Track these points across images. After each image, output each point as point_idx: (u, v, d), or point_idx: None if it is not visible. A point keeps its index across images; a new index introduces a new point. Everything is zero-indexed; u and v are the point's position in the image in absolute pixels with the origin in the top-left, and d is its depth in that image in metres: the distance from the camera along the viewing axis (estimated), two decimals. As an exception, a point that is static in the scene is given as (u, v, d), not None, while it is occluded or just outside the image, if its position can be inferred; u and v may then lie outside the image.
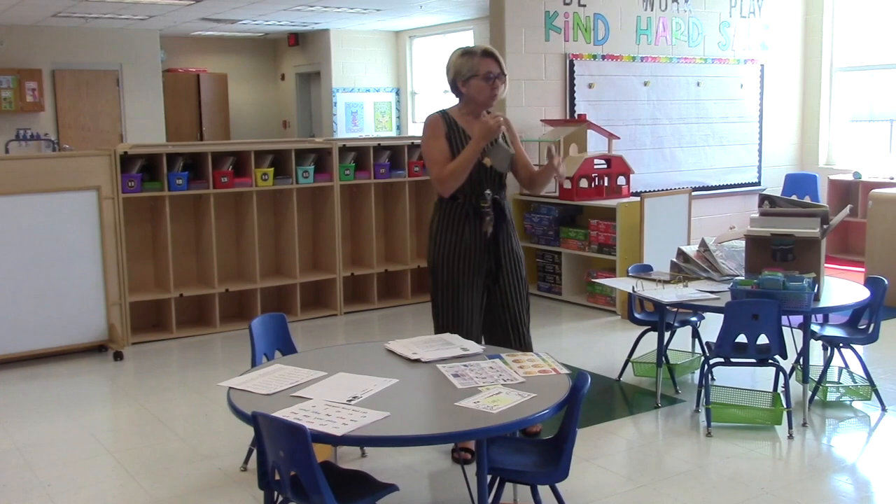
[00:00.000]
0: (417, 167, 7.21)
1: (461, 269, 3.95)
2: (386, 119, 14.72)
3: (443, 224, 3.99)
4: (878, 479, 3.87)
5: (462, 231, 3.94)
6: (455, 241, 3.95)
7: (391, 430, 2.63)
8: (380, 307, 7.16)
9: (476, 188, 3.91)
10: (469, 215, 3.93)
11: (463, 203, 3.93)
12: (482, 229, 3.94)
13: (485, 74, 3.83)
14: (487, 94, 3.87)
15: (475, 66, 3.85)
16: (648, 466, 4.01)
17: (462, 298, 3.96)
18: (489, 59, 3.86)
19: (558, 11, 7.69)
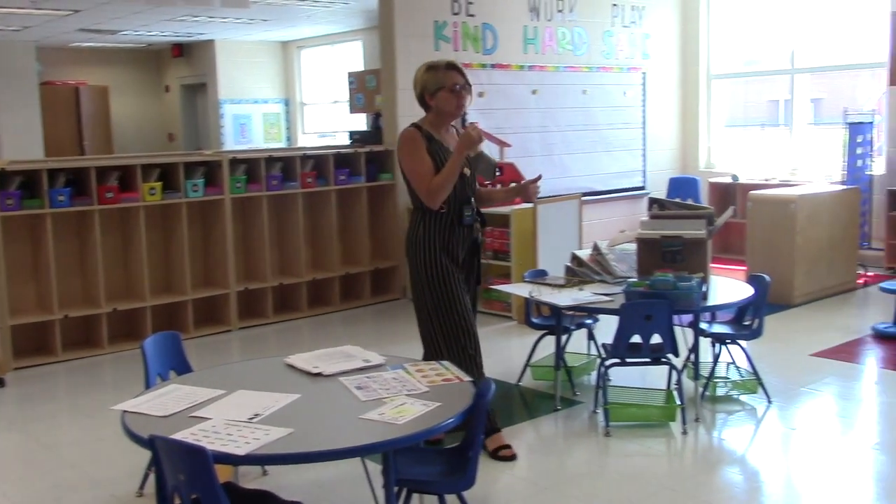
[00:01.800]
0: (310, 178, 7.14)
1: (455, 274, 4.06)
2: (275, 130, 14.52)
3: (430, 234, 4.05)
4: (765, 468, 4.03)
5: (450, 239, 4.05)
6: (446, 249, 4.04)
7: (295, 446, 2.58)
8: (275, 321, 7.05)
9: (459, 197, 4.04)
10: (454, 224, 4.05)
11: (448, 212, 4.03)
12: (471, 236, 4.11)
13: (451, 86, 3.96)
14: (454, 104, 4.00)
15: (441, 79, 3.98)
16: (551, 469, 4.07)
17: (462, 301, 4.07)
18: (453, 72, 3.99)
19: (447, 21, 7.75)
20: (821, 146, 9.37)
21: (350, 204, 7.54)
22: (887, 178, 8.42)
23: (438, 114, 4.03)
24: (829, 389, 5.03)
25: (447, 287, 4.02)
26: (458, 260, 4.07)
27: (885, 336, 6.01)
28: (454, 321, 4.03)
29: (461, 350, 4.04)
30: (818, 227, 7.21)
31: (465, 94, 4.01)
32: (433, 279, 4.03)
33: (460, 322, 4.03)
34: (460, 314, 4.03)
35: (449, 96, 3.97)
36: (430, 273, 4.03)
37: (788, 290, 7.00)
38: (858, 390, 5.10)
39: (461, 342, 4.04)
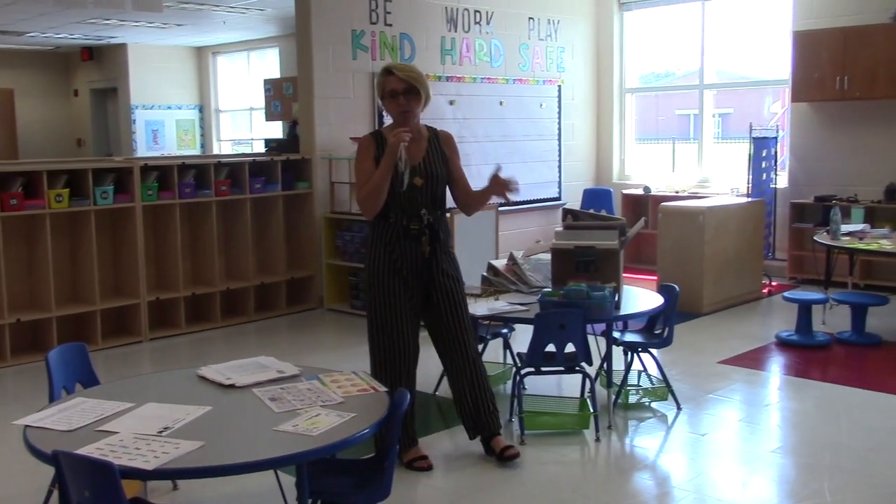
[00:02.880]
0: (225, 186, 7.03)
1: (394, 290, 3.95)
2: (189, 137, 14.27)
3: (376, 245, 3.97)
4: (676, 473, 4.13)
5: (393, 252, 3.93)
6: (387, 262, 3.94)
7: (206, 460, 2.53)
8: (188, 332, 6.90)
9: (408, 208, 3.89)
10: (400, 236, 3.92)
11: (394, 223, 3.92)
12: (417, 250, 3.93)
13: (389, 92, 3.87)
14: (395, 110, 3.89)
15: (382, 85, 3.91)
16: (466, 478, 4.08)
17: (396, 320, 3.96)
18: (391, 77, 3.87)
19: (365, 30, 7.74)
20: (728, 160, 9.67)
21: (266, 213, 7.45)
22: (790, 191, 8.74)
23: (393, 120, 3.96)
24: (736, 395, 5.18)
25: (383, 299, 3.95)
26: (405, 273, 3.94)
27: (787, 344, 6.23)
28: (385, 334, 3.98)
29: (389, 364, 4.01)
30: (725, 238, 7.43)
31: (408, 100, 3.85)
32: (372, 288, 3.98)
33: (391, 336, 3.98)
34: (392, 327, 3.96)
35: (389, 103, 3.90)
36: (371, 281, 3.99)
37: (698, 299, 7.19)
38: (763, 396, 5.26)
39: (390, 356, 4.01)
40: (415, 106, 3.87)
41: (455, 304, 4.05)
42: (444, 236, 4.03)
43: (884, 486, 3.82)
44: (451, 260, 4.09)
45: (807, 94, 8.31)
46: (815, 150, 8.62)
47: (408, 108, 3.85)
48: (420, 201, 3.90)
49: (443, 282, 4.03)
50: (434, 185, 3.94)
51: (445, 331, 4.07)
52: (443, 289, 4.03)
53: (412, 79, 3.85)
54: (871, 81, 7.85)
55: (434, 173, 3.93)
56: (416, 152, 3.92)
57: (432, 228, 3.94)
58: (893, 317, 6.60)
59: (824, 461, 4.14)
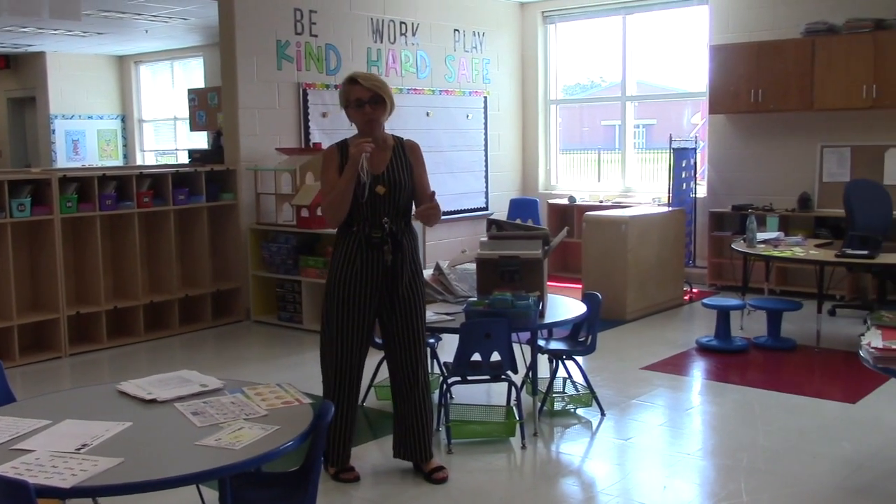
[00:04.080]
0: (147, 198, 6.91)
1: (352, 300, 3.90)
2: (111, 147, 13.98)
3: (337, 253, 3.95)
4: (601, 478, 4.20)
5: (354, 261, 3.89)
6: (348, 272, 3.90)
7: (126, 476, 2.49)
8: (110, 346, 6.76)
9: (370, 217, 3.86)
10: (362, 245, 3.88)
11: (357, 232, 3.89)
12: (380, 259, 3.88)
13: (354, 101, 3.83)
14: (361, 119, 3.85)
15: (346, 94, 3.87)
16: (393, 488, 4.09)
17: (347, 330, 3.92)
18: (356, 86, 3.83)
19: (290, 41, 7.71)
20: (651, 170, 9.89)
21: (190, 224, 7.35)
22: (709, 201, 8.99)
23: (358, 129, 3.93)
24: (658, 400, 5.30)
25: (339, 309, 3.91)
26: (366, 283, 3.89)
27: (707, 349, 6.39)
28: (338, 344, 3.95)
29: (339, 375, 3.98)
30: (647, 246, 7.60)
31: (373, 108, 3.81)
32: (329, 295, 3.95)
33: (344, 346, 3.94)
34: (345, 338, 3.93)
35: (354, 113, 3.87)
36: (329, 289, 3.96)
37: (621, 306, 7.34)
38: (684, 400, 5.39)
39: (341, 366, 3.97)
40: (380, 114, 3.85)
41: (412, 321, 3.99)
42: (410, 246, 3.97)
43: (797, 484, 3.96)
44: (415, 273, 4.00)
45: (723, 106, 8.56)
46: (733, 161, 8.88)
47: (373, 116, 3.83)
48: (382, 210, 3.87)
49: (404, 294, 3.97)
50: (397, 194, 3.89)
51: (399, 347, 4.02)
52: (403, 302, 3.97)
53: (377, 87, 3.83)
54: (783, 94, 8.13)
55: (397, 182, 3.88)
56: (379, 161, 3.89)
57: (395, 237, 3.90)
58: (807, 321, 6.83)
59: (742, 462, 4.26)
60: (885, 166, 7.95)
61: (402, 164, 3.94)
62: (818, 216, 8.22)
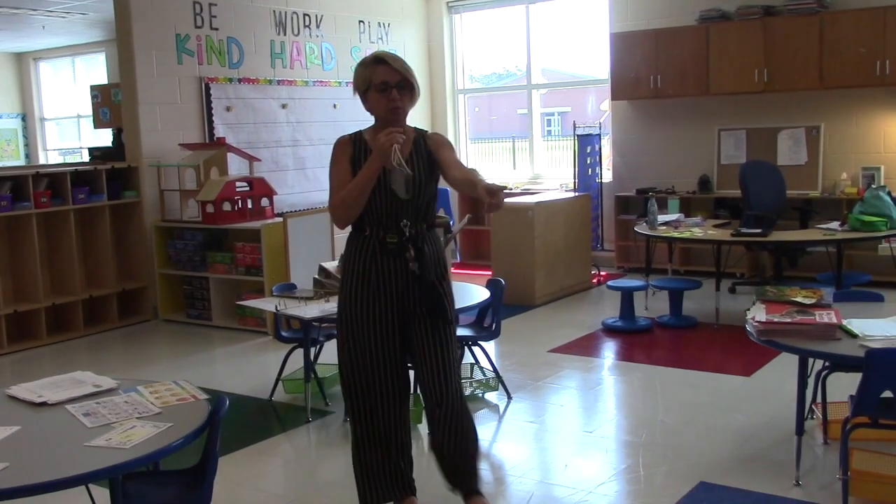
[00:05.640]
0: (45, 198, 6.73)
1: (365, 315, 3.34)
2: (12, 147, 13.56)
3: (349, 261, 3.39)
4: (509, 459, 4.29)
5: (369, 271, 3.33)
6: (363, 284, 3.34)
7: (11, 481, 2.45)
8: (10, 352, 6.58)
9: (387, 220, 3.30)
10: (377, 251, 3.32)
11: (370, 237, 3.33)
12: (398, 269, 3.31)
13: (379, 84, 3.25)
14: (384, 106, 3.27)
15: (368, 77, 3.29)
16: (301, 480, 4.10)
17: (365, 350, 3.36)
18: (382, 67, 3.27)
19: (189, 34, 7.59)
20: (563, 157, 10.05)
21: (92, 224, 7.19)
22: (615, 185, 9.18)
23: (376, 118, 3.37)
24: (565, 381, 5.42)
25: (355, 331, 3.36)
26: (385, 298, 3.32)
27: (612, 329, 6.56)
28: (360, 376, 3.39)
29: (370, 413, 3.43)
30: (554, 231, 7.74)
31: (400, 94, 3.26)
32: (342, 316, 3.41)
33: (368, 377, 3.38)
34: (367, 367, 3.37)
35: (378, 97, 3.27)
36: (341, 309, 3.42)
37: (530, 291, 7.46)
38: (589, 380, 5.51)
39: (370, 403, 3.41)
40: (407, 102, 3.30)
41: (441, 339, 3.38)
42: (433, 253, 3.38)
43: (692, 456, 4.10)
44: (443, 283, 3.41)
45: (625, 92, 8.75)
46: (636, 146, 9.09)
47: (400, 103, 3.27)
48: (401, 211, 3.29)
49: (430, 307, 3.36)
50: (417, 194, 3.30)
51: (427, 369, 3.38)
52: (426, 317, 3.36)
53: (407, 71, 3.28)
54: (681, 80, 8.36)
55: (418, 180, 3.29)
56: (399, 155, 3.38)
57: (415, 243, 3.32)
58: (709, 299, 7.05)
59: (642, 437, 4.40)
60: (777, 147, 8.25)
61: (423, 160, 3.35)
62: (717, 197, 8.49)
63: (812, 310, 3.78)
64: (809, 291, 4.04)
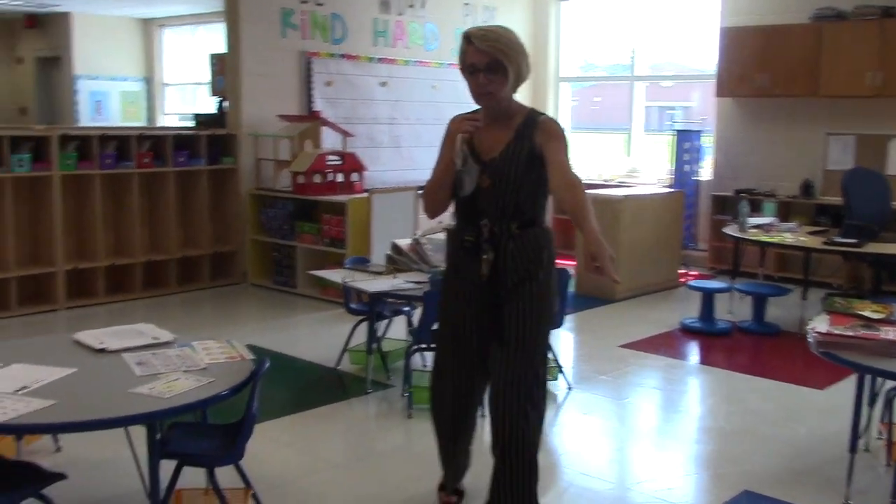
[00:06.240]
0: (147, 158, 7.06)
1: (454, 315, 3.15)
2: (135, 109, 14.17)
3: (447, 255, 3.24)
4: (555, 448, 4.29)
5: (455, 265, 3.15)
6: (452, 279, 3.17)
7: (52, 417, 2.63)
8: (107, 301, 6.94)
9: (467, 216, 3.06)
10: (459, 248, 3.11)
11: (458, 231, 3.11)
12: (477, 269, 3.04)
13: (468, 67, 2.97)
14: (473, 91, 2.98)
15: (461, 56, 3.01)
16: (350, 448, 4.21)
17: (448, 350, 3.18)
18: (471, 47, 2.94)
19: (294, 9, 7.79)
20: (659, 151, 9.87)
21: (190, 186, 7.49)
22: (714, 184, 8.95)
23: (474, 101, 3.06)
24: (627, 378, 5.35)
25: (443, 325, 3.21)
26: (462, 295, 3.11)
27: (690, 330, 6.43)
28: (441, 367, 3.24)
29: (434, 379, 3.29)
30: (642, 227, 7.61)
31: (487, 78, 2.91)
32: (438, 306, 3.31)
33: (439, 352, 3.25)
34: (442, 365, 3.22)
35: (468, 80, 2.99)
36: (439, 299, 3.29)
37: (611, 285, 7.34)
38: (652, 378, 5.42)
39: (436, 371, 3.28)
40: (498, 87, 2.92)
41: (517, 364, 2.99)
42: (524, 256, 2.99)
43: (743, 462, 4.01)
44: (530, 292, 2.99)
45: (730, 89, 8.51)
46: (738, 145, 8.83)
47: (489, 88, 2.92)
48: (483, 208, 3.00)
49: (512, 316, 3.01)
50: (502, 190, 2.96)
51: (496, 402, 3.03)
52: (513, 327, 3.00)
53: (495, 50, 2.89)
54: (790, 79, 8.06)
55: (504, 174, 2.95)
56: (493, 144, 2.99)
57: (497, 245, 2.99)
58: (797, 308, 6.82)
59: (692, 440, 4.33)
60: (888, 156, 7.88)
61: (521, 151, 2.95)
62: (820, 204, 8.17)
63: (879, 325, 3.63)
64: (880, 306, 3.88)
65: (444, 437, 3.31)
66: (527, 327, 2.99)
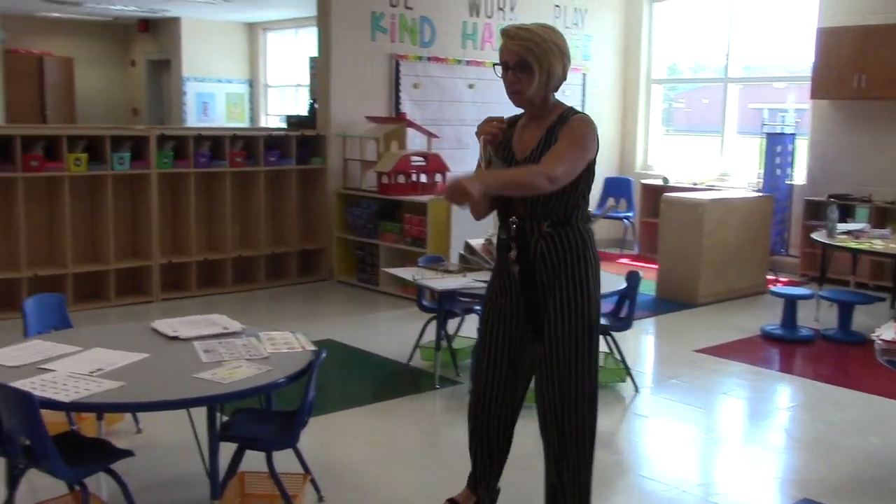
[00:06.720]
0: (239, 158, 7.36)
1: (490, 314, 3.15)
2: (239, 110, 14.70)
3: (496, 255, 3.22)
4: (617, 448, 4.30)
5: (498, 267, 3.16)
6: (495, 277, 3.16)
7: (120, 397, 2.83)
8: (199, 295, 7.27)
9: (505, 214, 3.04)
10: (498, 248, 3.15)
11: (497, 232, 3.16)
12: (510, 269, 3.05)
13: (502, 64, 2.97)
14: (505, 87, 2.98)
15: (499, 52, 3.01)
16: (415, 440, 4.33)
17: (484, 349, 3.16)
18: (504, 42, 2.95)
19: (384, 13, 7.98)
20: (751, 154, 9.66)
21: (280, 185, 7.76)
22: (808, 188, 8.72)
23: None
24: (699, 382, 5.30)
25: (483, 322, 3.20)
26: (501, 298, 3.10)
27: (771, 337, 6.31)
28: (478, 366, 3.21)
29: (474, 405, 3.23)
30: (727, 231, 7.49)
31: (517, 77, 2.91)
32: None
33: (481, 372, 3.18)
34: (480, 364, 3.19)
35: (502, 75, 2.98)
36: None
37: (693, 289, 7.29)
38: (723, 384, 5.33)
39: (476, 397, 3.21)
40: (525, 86, 2.90)
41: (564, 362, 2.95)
42: (555, 256, 2.94)
43: (807, 471, 3.95)
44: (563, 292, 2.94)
45: (826, 91, 8.27)
46: (834, 148, 8.58)
47: (518, 87, 2.92)
48: (514, 205, 2.99)
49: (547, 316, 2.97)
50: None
51: (543, 387, 3.02)
52: (549, 327, 2.97)
53: (526, 49, 2.89)
54: (889, 81, 7.79)
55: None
56: (527, 142, 3.00)
57: (528, 243, 2.98)
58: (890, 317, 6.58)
59: (759, 445, 4.28)
60: None
61: (547, 150, 2.92)
62: (920, 211, 7.87)
63: (948, 335, 3.53)
64: (954, 315, 3.77)
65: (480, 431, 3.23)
66: (561, 328, 2.95)
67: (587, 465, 3.05)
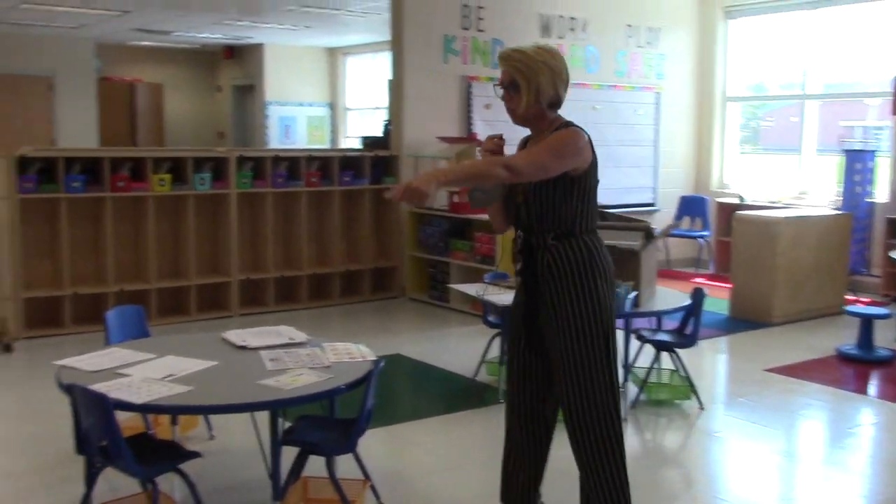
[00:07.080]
0: (315, 178, 7.58)
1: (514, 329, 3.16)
2: (319, 133, 15.08)
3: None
4: (676, 465, 4.31)
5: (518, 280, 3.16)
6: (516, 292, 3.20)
7: (188, 400, 2.99)
8: (276, 310, 7.50)
9: (516, 229, 3.13)
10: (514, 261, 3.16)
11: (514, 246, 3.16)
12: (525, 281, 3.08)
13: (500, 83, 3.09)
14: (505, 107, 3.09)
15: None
16: (476, 453, 4.41)
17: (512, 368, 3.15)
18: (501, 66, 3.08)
19: (456, 36, 8.14)
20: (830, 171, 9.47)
21: (354, 204, 7.96)
22: (890, 206, 8.51)
23: None
24: (766, 401, 5.23)
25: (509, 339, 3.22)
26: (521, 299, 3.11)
27: (846, 357, 6.18)
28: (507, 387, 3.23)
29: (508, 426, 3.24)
30: (803, 250, 7.36)
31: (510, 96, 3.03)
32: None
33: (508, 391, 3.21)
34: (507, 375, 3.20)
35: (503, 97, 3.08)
36: None
37: (767, 308, 7.18)
38: (791, 403, 5.23)
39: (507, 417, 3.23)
40: (516, 104, 3.02)
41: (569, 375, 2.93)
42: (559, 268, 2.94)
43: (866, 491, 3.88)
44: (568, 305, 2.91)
45: (907, 107, 8.08)
46: (917, 165, 8.36)
47: (509, 105, 3.05)
48: (520, 218, 3.06)
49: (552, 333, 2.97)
50: (531, 202, 2.98)
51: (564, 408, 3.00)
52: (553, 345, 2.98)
53: (513, 69, 3.01)
54: (973, 96, 7.58)
55: (531, 188, 2.97)
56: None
57: (529, 255, 3.02)
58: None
59: (821, 465, 4.23)
60: None
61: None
62: None
63: None
64: None
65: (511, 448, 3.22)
66: (568, 344, 2.92)
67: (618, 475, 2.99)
